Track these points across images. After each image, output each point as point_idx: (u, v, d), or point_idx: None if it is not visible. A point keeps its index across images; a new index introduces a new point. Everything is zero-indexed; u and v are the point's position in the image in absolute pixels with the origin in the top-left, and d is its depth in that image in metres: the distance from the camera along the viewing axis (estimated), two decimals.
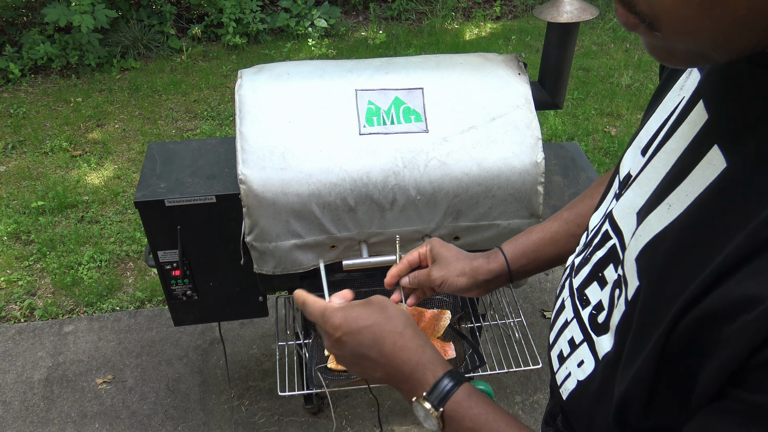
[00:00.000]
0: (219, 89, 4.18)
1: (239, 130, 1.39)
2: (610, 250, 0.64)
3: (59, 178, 3.32)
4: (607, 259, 0.64)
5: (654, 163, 0.59)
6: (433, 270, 0.93)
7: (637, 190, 0.61)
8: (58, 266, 2.75)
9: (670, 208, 0.54)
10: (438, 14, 5.24)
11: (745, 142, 0.49)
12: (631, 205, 0.61)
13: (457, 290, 0.93)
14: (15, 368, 2.32)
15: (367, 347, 0.70)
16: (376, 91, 1.45)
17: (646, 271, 0.54)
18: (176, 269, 1.59)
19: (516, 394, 2.21)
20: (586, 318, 0.66)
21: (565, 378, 0.68)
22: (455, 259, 0.93)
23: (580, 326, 0.67)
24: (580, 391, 0.65)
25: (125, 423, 2.13)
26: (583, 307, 0.67)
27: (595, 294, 0.65)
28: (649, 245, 0.55)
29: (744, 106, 0.50)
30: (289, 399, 2.17)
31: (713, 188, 0.50)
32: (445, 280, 0.92)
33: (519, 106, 1.46)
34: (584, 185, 1.77)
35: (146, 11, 4.69)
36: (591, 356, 0.64)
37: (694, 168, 0.52)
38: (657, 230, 0.54)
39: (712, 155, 0.51)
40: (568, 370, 0.68)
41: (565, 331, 0.70)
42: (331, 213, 1.42)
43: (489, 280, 0.92)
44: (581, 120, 3.79)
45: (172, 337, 2.42)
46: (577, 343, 0.67)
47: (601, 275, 0.65)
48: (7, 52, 4.25)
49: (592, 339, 0.64)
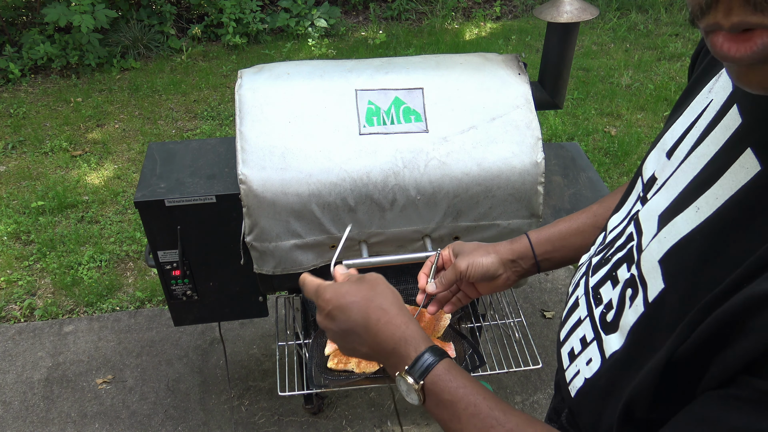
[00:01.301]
0: (219, 89, 4.18)
1: (239, 130, 1.39)
2: (628, 251, 0.65)
3: (59, 178, 3.32)
4: (624, 260, 0.65)
5: (683, 167, 0.59)
6: (458, 261, 0.95)
7: (664, 193, 0.61)
8: (58, 266, 2.75)
9: (699, 210, 0.53)
10: (438, 14, 5.24)
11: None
12: (656, 208, 0.61)
13: (484, 271, 0.94)
14: (15, 368, 2.32)
15: (353, 322, 0.73)
16: (376, 91, 1.45)
17: (674, 273, 0.54)
18: (176, 269, 1.59)
19: (516, 394, 2.21)
20: (598, 317, 0.67)
21: (575, 375, 0.69)
22: (478, 246, 0.97)
23: (592, 325, 0.68)
24: (588, 388, 0.66)
25: (125, 423, 2.13)
26: (597, 305, 0.68)
27: (607, 293, 0.66)
28: (675, 247, 0.55)
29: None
30: (289, 399, 2.17)
31: (746, 191, 0.49)
32: (471, 263, 0.94)
33: (519, 106, 1.46)
34: (584, 185, 1.77)
35: (146, 11, 4.69)
36: (599, 354, 0.65)
37: (726, 171, 0.52)
38: (684, 233, 0.54)
39: (745, 158, 0.50)
40: (578, 367, 0.69)
41: (577, 329, 0.71)
42: (331, 213, 1.42)
43: (513, 260, 0.94)
44: (581, 120, 3.79)
45: (172, 337, 2.42)
46: (588, 341, 0.68)
47: (615, 275, 0.66)
48: (7, 52, 4.25)
49: (601, 337, 0.65)
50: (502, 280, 0.96)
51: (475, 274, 0.94)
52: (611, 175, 3.32)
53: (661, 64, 4.46)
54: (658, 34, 4.94)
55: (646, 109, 3.90)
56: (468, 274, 0.95)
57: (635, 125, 3.73)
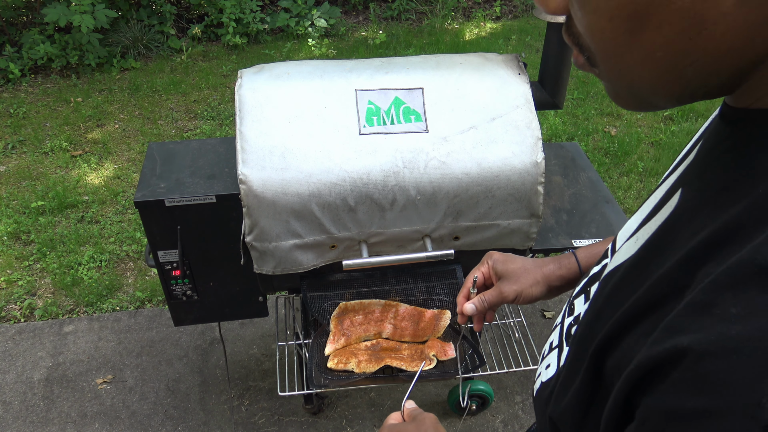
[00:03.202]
0: (219, 89, 4.18)
1: (239, 130, 1.39)
2: (601, 268, 0.65)
3: (59, 178, 3.32)
4: (596, 277, 0.66)
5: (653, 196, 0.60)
6: (504, 286, 0.91)
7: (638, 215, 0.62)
8: (58, 266, 2.75)
9: (636, 241, 0.54)
10: (438, 14, 5.24)
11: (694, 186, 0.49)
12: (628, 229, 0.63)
13: (532, 300, 0.92)
14: (15, 368, 2.32)
15: None
16: (376, 91, 1.45)
17: (596, 298, 0.55)
18: (176, 269, 1.59)
19: (516, 394, 2.21)
20: (566, 326, 0.67)
21: (537, 377, 0.71)
22: (524, 270, 0.92)
23: (560, 333, 0.68)
24: (541, 390, 0.67)
25: (125, 423, 2.13)
26: (568, 316, 0.69)
27: (579, 306, 0.67)
28: (609, 273, 0.56)
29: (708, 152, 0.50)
30: (289, 399, 2.17)
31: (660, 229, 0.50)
32: (520, 294, 0.90)
33: (519, 106, 1.46)
34: (584, 185, 1.77)
35: (146, 11, 4.69)
36: (556, 362, 0.65)
37: (662, 208, 0.53)
38: (621, 260, 0.55)
39: (675, 197, 0.51)
40: (540, 370, 0.70)
41: (552, 333, 0.73)
42: (331, 213, 1.42)
43: (561, 286, 0.91)
44: (581, 120, 3.79)
45: (172, 337, 2.42)
46: (553, 347, 0.69)
47: (588, 290, 0.66)
48: (7, 52, 4.25)
49: (563, 347, 0.66)
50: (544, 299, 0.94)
51: (522, 303, 0.92)
52: (611, 175, 3.32)
53: None
54: None
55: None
56: (516, 302, 0.92)
57: (635, 125, 3.73)
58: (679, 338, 0.38)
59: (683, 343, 0.38)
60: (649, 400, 0.40)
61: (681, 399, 0.38)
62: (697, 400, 0.37)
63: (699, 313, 0.38)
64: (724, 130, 0.48)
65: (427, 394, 2.21)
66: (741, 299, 0.36)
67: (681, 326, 0.39)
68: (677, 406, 0.38)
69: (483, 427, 2.10)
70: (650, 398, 0.40)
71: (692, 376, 0.37)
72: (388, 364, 1.51)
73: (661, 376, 0.39)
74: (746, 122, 0.44)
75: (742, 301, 0.36)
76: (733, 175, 0.44)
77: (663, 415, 0.39)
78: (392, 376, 1.53)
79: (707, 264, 0.40)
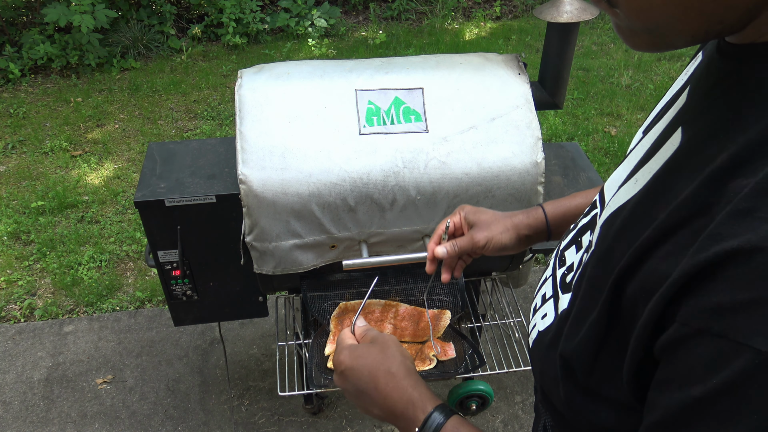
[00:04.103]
0: (219, 89, 4.18)
1: (239, 130, 1.39)
2: (592, 218, 0.69)
3: (59, 178, 3.32)
4: (588, 226, 0.69)
5: (643, 142, 0.64)
6: (475, 233, 0.96)
7: (625, 165, 0.65)
8: (58, 266, 2.75)
9: (636, 182, 0.57)
10: (438, 14, 5.23)
11: (698, 123, 0.52)
12: (617, 179, 0.66)
13: (501, 248, 0.96)
14: (15, 368, 2.32)
15: (364, 383, 0.75)
16: (376, 91, 1.45)
17: (602, 237, 0.58)
18: (176, 269, 1.59)
19: (516, 394, 2.21)
20: (559, 277, 0.71)
21: (532, 328, 0.74)
22: (494, 219, 0.97)
23: (553, 284, 0.72)
24: (538, 340, 0.70)
25: (125, 423, 2.13)
26: (560, 267, 0.72)
27: (571, 256, 0.70)
28: (612, 214, 0.59)
29: (707, 91, 0.53)
30: (289, 399, 2.17)
31: (665, 166, 0.53)
32: (490, 240, 0.95)
33: (519, 106, 1.46)
34: (584, 185, 1.76)
35: (146, 11, 4.69)
36: (553, 311, 0.68)
37: (660, 148, 0.56)
38: (622, 201, 0.58)
39: (675, 136, 0.54)
40: (535, 321, 0.73)
41: (543, 287, 0.75)
42: (331, 213, 1.42)
43: (529, 235, 0.96)
44: (581, 120, 3.79)
45: (172, 337, 2.42)
46: (547, 298, 0.72)
47: (580, 240, 0.70)
48: (7, 52, 4.25)
49: (558, 296, 0.69)
50: (514, 250, 0.98)
51: (493, 251, 0.96)
52: (611, 174, 3.32)
53: (662, 64, 4.46)
54: None
55: (646, 109, 3.90)
56: (486, 250, 0.96)
57: (635, 125, 3.73)
58: (727, 242, 0.41)
59: (732, 246, 0.40)
60: (693, 302, 0.43)
61: (732, 293, 0.40)
62: (748, 292, 0.39)
63: (743, 218, 0.41)
64: (725, 67, 0.51)
65: None
66: None
67: (726, 232, 0.41)
68: (727, 301, 0.40)
69: (483, 427, 2.10)
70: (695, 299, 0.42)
71: (743, 272, 0.40)
72: None
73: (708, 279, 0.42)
74: (753, 55, 0.47)
75: None
76: (745, 103, 0.47)
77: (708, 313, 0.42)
78: None
79: (735, 179, 0.43)
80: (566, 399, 0.61)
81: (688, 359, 0.43)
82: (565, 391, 0.61)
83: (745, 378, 0.40)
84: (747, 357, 0.39)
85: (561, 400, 0.63)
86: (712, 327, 0.41)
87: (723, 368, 0.41)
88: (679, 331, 0.44)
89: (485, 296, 1.84)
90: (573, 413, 0.62)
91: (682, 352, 0.44)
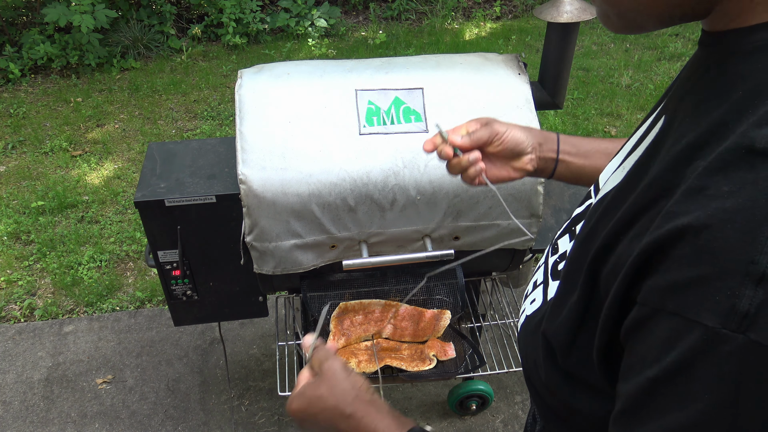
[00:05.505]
0: (219, 89, 4.18)
1: (239, 130, 1.39)
2: (586, 207, 0.70)
3: (59, 178, 3.32)
4: (582, 215, 0.70)
5: (637, 132, 0.65)
6: (495, 124, 0.95)
7: (619, 155, 0.67)
8: (58, 266, 2.75)
9: (623, 170, 0.59)
10: (438, 14, 5.23)
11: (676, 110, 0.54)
12: (610, 168, 0.67)
13: (517, 142, 0.95)
14: (15, 368, 2.32)
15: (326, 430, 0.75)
16: (376, 91, 1.45)
17: (587, 222, 0.60)
18: (176, 269, 1.59)
19: (516, 394, 2.21)
20: (551, 264, 0.71)
21: (522, 313, 0.74)
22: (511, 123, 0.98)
23: (544, 271, 0.72)
24: (525, 324, 0.71)
25: (125, 423, 2.13)
26: (553, 254, 0.73)
27: (564, 244, 0.71)
28: (599, 200, 0.60)
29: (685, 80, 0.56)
30: None
31: (646, 152, 0.55)
32: (509, 129, 0.95)
33: (519, 106, 1.46)
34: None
35: (146, 11, 4.69)
36: (542, 296, 0.69)
37: (646, 138, 0.58)
38: (609, 188, 0.59)
39: (659, 124, 0.56)
40: (524, 306, 0.74)
41: (536, 274, 0.76)
42: (331, 213, 1.42)
43: (541, 143, 0.97)
44: (581, 120, 3.79)
45: (172, 337, 2.42)
46: (537, 284, 0.73)
47: (573, 229, 0.70)
48: (7, 52, 4.25)
49: (548, 282, 0.69)
50: (524, 163, 0.96)
51: (510, 142, 0.95)
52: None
53: (661, 64, 4.46)
54: (657, 34, 4.94)
55: (647, 109, 3.90)
56: (503, 138, 0.94)
57: (635, 125, 3.73)
58: (679, 220, 0.42)
59: (683, 222, 0.41)
60: (650, 282, 0.43)
61: (681, 271, 0.41)
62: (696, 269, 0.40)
63: (695, 196, 0.42)
64: (700, 55, 0.54)
65: (427, 394, 2.21)
66: (731, 178, 0.41)
67: (679, 210, 0.43)
68: (677, 279, 0.41)
69: (483, 427, 2.10)
70: (651, 280, 0.43)
71: (691, 249, 0.41)
72: (388, 364, 1.51)
73: (662, 256, 0.43)
74: (721, 42, 0.49)
75: (732, 180, 0.40)
76: (711, 90, 0.49)
77: (662, 292, 0.42)
78: (392, 376, 1.53)
79: (695, 161, 0.44)
80: (546, 381, 0.62)
81: (646, 341, 0.44)
82: (546, 373, 0.62)
83: (696, 353, 0.40)
84: (697, 334, 0.40)
85: (541, 382, 0.63)
86: (666, 305, 0.42)
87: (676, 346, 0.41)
88: (639, 312, 0.44)
89: (485, 296, 1.84)
90: (551, 396, 0.62)
91: (642, 334, 0.45)
